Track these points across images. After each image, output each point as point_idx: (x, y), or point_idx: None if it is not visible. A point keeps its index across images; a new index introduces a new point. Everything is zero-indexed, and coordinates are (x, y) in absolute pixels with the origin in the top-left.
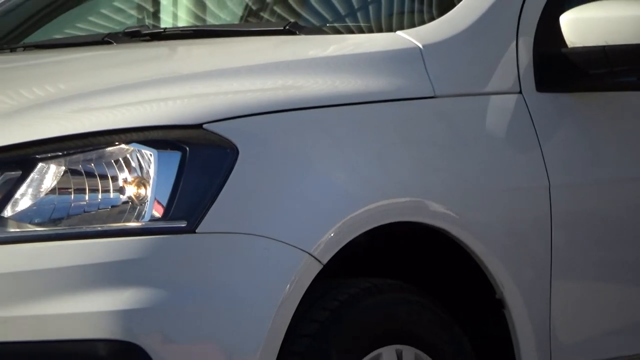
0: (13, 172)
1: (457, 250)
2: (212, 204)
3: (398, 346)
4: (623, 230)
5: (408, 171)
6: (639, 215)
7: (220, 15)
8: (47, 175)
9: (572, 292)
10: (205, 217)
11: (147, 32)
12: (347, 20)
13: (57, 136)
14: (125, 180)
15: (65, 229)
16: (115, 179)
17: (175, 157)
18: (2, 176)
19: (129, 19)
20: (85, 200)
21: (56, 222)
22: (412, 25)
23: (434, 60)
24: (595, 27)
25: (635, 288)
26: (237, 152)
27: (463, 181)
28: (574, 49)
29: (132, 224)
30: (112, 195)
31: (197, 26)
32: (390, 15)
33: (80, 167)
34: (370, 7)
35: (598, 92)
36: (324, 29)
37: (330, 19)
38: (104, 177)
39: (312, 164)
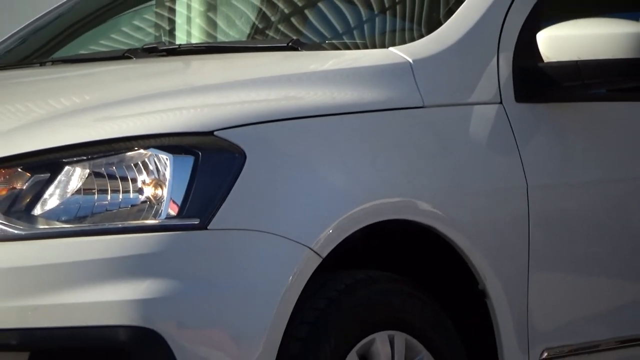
0: (42, 175)
1: (444, 245)
2: (222, 203)
3: (390, 332)
4: (594, 227)
5: (399, 174)
6: (608, 213)
7: (229, 33)
8: (73, 177)
9: (548, 283)
10: (216, 215)
11: (163, 48)
12: (344, 37)
13: (82, 142)
14: (143, 182)
15: (89, 225)
16: (134, 180)
17: (188, 161)
18: (33, 178)
19: (147, 37)
20: (107, 200)
21: (81, 220)
22: (403, 42)
23: (423, 74)
24: (569, 44)
25: (605, 280)
26: (245, 157)
27: (449, 183)
28: (550, 63)
29: (150, 222)
30: (131, 195)
31: (209, 43)
32: (383, 33)
33: (103, 170)
34: (365, 26)
35: (571, 102)
36: (324, 45)
37: (329, 36)
38: (124, 179)
39: (313, 167)
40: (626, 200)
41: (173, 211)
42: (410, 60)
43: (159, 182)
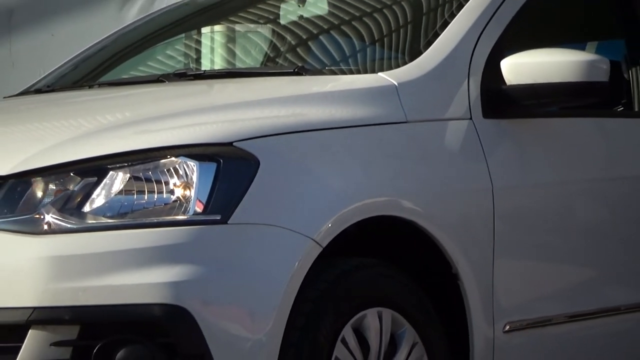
0: (91, 178)
1: (424, 237)
2: (240, 202)
3: (379, 308)
4: (548, 220)
5: (387, 177)
6: (559, 209)
7: (246, 60)
8: (116, 181)
9: (510, 267)
10: (235, 212)
11: (191, 73)
12: (341, 64)
13: (123, 151)
14: (174, 185)
15: (129, 220)
16: (167, 183)
17: (212, 167)
18: (82, 181)
19: (178, 64)
20: (144, 200)
21: (123, 216)
22: (390, 68)
23: (406, 94)
24: (527, 70)
25: (557, 265)
26: (259, 164)
27: (428, 185)
28: (511, 85)
29: (180, 217)
30: (164, 195)
31: (229, 69)
32: (373, 60)
33: (141, 175)
34: (359, 55)
35: (529, 118)
36: (324, 71)
37: (329, 64)
38: (158, 182)
39: (315, 171)
40: (574, 198)
41: (199, 209)
42: (396, 83)
43: (187, 184)
